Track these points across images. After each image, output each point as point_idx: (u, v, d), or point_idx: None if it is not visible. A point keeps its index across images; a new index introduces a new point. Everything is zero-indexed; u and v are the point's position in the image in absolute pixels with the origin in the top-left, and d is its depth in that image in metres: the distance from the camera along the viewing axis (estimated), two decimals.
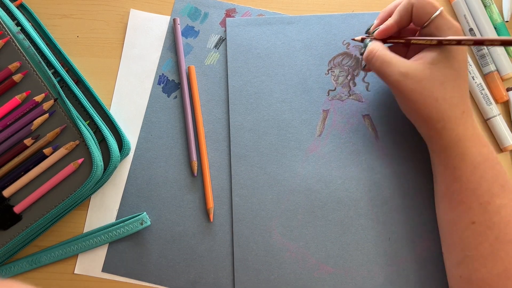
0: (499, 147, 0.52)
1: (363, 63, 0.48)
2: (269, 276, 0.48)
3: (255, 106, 0.52)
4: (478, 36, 0.53)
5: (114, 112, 0.53)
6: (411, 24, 0.45)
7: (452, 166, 0.43)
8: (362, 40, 0.49)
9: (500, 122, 0.51)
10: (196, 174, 0.51)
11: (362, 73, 0.53)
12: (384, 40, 0.47)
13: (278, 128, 0.52)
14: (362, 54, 0.48)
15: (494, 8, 0.53)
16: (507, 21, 0.53)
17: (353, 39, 0.50)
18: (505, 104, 0.53)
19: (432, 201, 0.49)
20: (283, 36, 0.54)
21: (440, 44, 0.42)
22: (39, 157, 0.46)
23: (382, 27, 0.46)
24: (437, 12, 0.42)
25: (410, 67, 0.42)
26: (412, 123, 0.47)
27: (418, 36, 0.45)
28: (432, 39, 0.42)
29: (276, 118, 0.52)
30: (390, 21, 0.45)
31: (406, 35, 0.47)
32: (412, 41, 0.44)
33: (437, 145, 0.44)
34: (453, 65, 0.42)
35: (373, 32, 0.47)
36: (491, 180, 0.41)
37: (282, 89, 0.53)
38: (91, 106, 0.49)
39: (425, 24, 0.43)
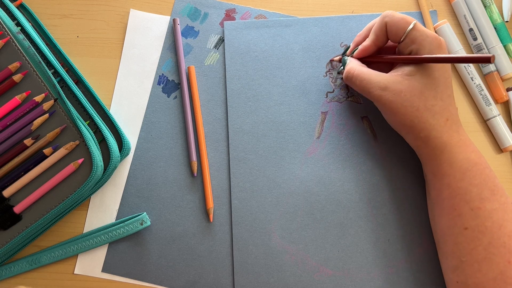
0: (499, 148, 0.52)
1: (338, 79, 0.53)
2: (268, 279, 0.48)
3: (253, 109, 0.52)
4: (479, 39, 0.53)
5: (114, 112, 0.53)
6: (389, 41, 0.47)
7: (441, 174, 0.44)
8: (340, 60, 0.52)
9: (500, 123, 0.51)
10: (196, 174, 0.51)
11: None
12: (362, 59, 0.49)
13: (277, 131, 0.52)
14: (339, 72, 0.52)
15: (494, 8, 0.53)
16: (507, 21, 0.53)
17: (332, 60, 0.53)
18: (505, 104, 0.53)
19: None
20: (281, 38, 0.54)
21: (416, 61, 0.43)
22: (39, 157, 0.46)
23: (360, 47, 0.48)
24: (411, 26, 0.43)
25: (389, 81, 0.44)
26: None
27: (397, 51, 0.47)
28: (407, 57, 0.44)
29: (275, 121, 0.52)
30: (367, 42, 0.47)
31: (387, 52, 0.49)
32: (389, 58, 0.47)
33: (424, 153, 0.45)
34: (432, 74, 0.43)
35: (351, 54, 0.50)
36: (480, 185, 0.42)
37: (281, 92, 0.53)
38: (91, 106, 0.49)
39: (401, 39, 0.44)
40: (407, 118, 0.43)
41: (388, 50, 0.49)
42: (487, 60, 0.38)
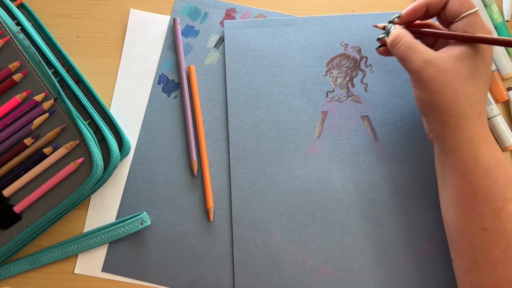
0: (500, 147, 0.52)
1: (377, 45, 0.49)
2: (269, 279, 0.48)
3: (253, 108, 0.52)
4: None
5: (114, 112, 0.53)
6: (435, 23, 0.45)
7: (464, 169, 0.41)
8: (384, 27, 0.47)
9: (500, 122, 0.51)
10: (196, 174, 0.51)
11: (360, 74, 0.53)
12: (407, 26, 0.46)
13: (277, 130, 0.52)
14: (378, 39, 0.48)
15: (494, 8, 0.53)
16: (507, 21, 0.53)
17: (375, 26, 0.49)
18: (506, 103, 0.53)
19: (432, 201, 0.49)
20: (281, 38, 0.54)
21: (468, 40, 0.41)
22: (39, 156, 0.46)
23: (410, 7, 0.45)
24: (474, 10, 0.42)
25: (436, 57, 0.42)
26: (421, 119, 0.46)
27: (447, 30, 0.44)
28: (458, 34, 0.42)
29: (275, 120, 0.52)
30: (419, 2, 0.44)
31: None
32: (439, 34, 0.44)
33: (449, 144, 0.42)
34: (478, 63, 0.41)
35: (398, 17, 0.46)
36: (504, 185, 0.40)
37: (281, 91, 0.53)
38: (91, 105, 0.49)
39: (458, 18, 0.42)
40: (444, 99, 0.41)
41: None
42: None
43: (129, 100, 0.53)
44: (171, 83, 0.54)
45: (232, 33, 0.54)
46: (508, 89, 0.52)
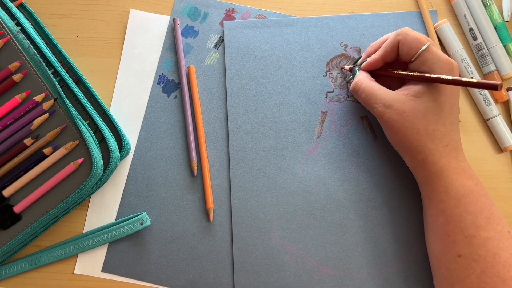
0: (499, 148, 0.52)
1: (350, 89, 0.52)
2: (269, 279, 0.48)
3: (253, 109, 0.52)
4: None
5: (114, 112, 0.53)
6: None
7: (437, 199, 0.43)
8: (351, 69, 0.52)
9: (500, 122, 0.51)
10: (196, 174, 0.51)
11: None
12: (371, 72, 0.49)
13: (277, 131, 0.52)
14: (348, 82, 0.52)
15: (494, 8, 0.53)
16: (507, 21, 0.53)
17: (342, 68, 0.53)
18: (505, 104, 0.53)
19: None
20: (281, 38, 0.54)
21: (422, 79, 0.43)
22: (39, 157, 0.46)
23: (368, 60, 0.48)
24: (423, 48, 0.43)
25: (394, 99, 0.44)
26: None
27: (408, 69, 0.46)
28: (414, 74, 0.44)
29: (275, 121, 0.52)
30: (376, 56, 0.47)
31: (400, 67, 0.48)
32: (396, 74, 0.46)
33: (420, 176, 0.45)
34: (438, 98, 0.43)
35: (361, 64, 0.50)
36: (475, 213, 0.41)
37: (280, 92, 0.53)
38: (91, 106, 0.49)
39: (412, 59, 0.44)
40: (406, 139, 0.43)
41: (402, 65, 0.48)
42: (494, 88, 0.38)
43: (129, 100, 0.53)
44: (171, 83, 0.54)
45: (232, 34, 0.54)
46: (508, 89, 0.52)
